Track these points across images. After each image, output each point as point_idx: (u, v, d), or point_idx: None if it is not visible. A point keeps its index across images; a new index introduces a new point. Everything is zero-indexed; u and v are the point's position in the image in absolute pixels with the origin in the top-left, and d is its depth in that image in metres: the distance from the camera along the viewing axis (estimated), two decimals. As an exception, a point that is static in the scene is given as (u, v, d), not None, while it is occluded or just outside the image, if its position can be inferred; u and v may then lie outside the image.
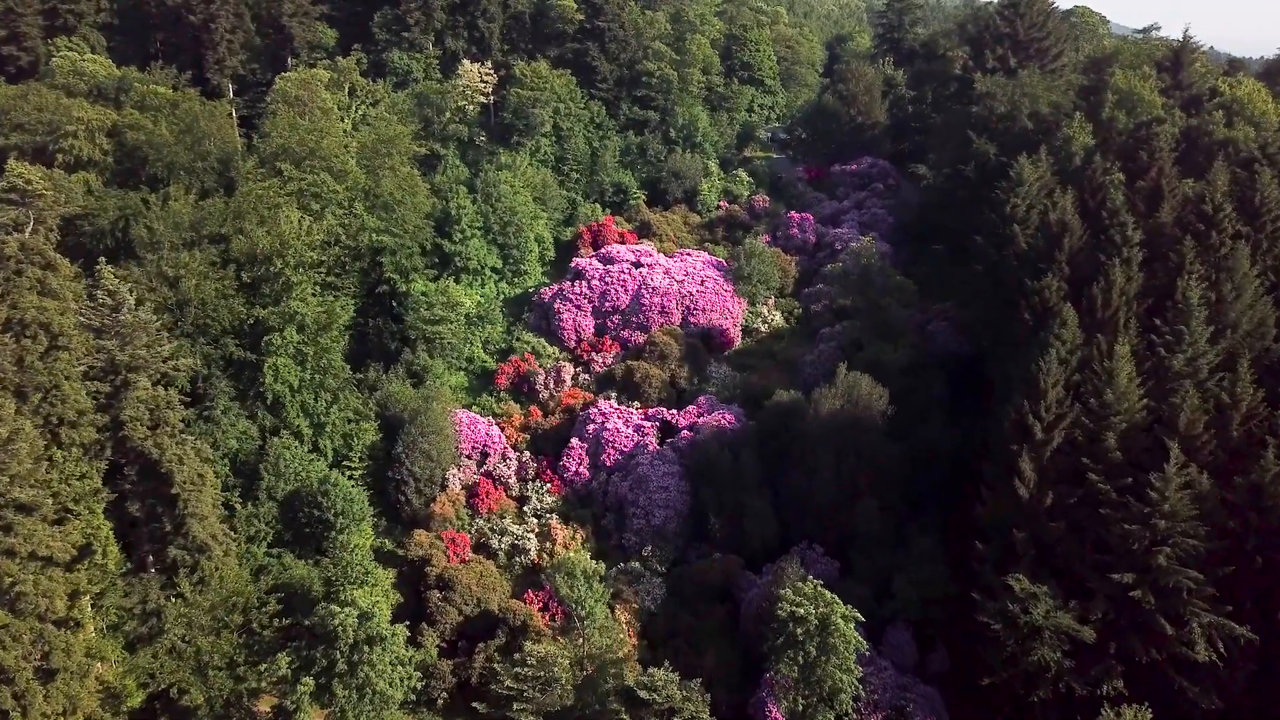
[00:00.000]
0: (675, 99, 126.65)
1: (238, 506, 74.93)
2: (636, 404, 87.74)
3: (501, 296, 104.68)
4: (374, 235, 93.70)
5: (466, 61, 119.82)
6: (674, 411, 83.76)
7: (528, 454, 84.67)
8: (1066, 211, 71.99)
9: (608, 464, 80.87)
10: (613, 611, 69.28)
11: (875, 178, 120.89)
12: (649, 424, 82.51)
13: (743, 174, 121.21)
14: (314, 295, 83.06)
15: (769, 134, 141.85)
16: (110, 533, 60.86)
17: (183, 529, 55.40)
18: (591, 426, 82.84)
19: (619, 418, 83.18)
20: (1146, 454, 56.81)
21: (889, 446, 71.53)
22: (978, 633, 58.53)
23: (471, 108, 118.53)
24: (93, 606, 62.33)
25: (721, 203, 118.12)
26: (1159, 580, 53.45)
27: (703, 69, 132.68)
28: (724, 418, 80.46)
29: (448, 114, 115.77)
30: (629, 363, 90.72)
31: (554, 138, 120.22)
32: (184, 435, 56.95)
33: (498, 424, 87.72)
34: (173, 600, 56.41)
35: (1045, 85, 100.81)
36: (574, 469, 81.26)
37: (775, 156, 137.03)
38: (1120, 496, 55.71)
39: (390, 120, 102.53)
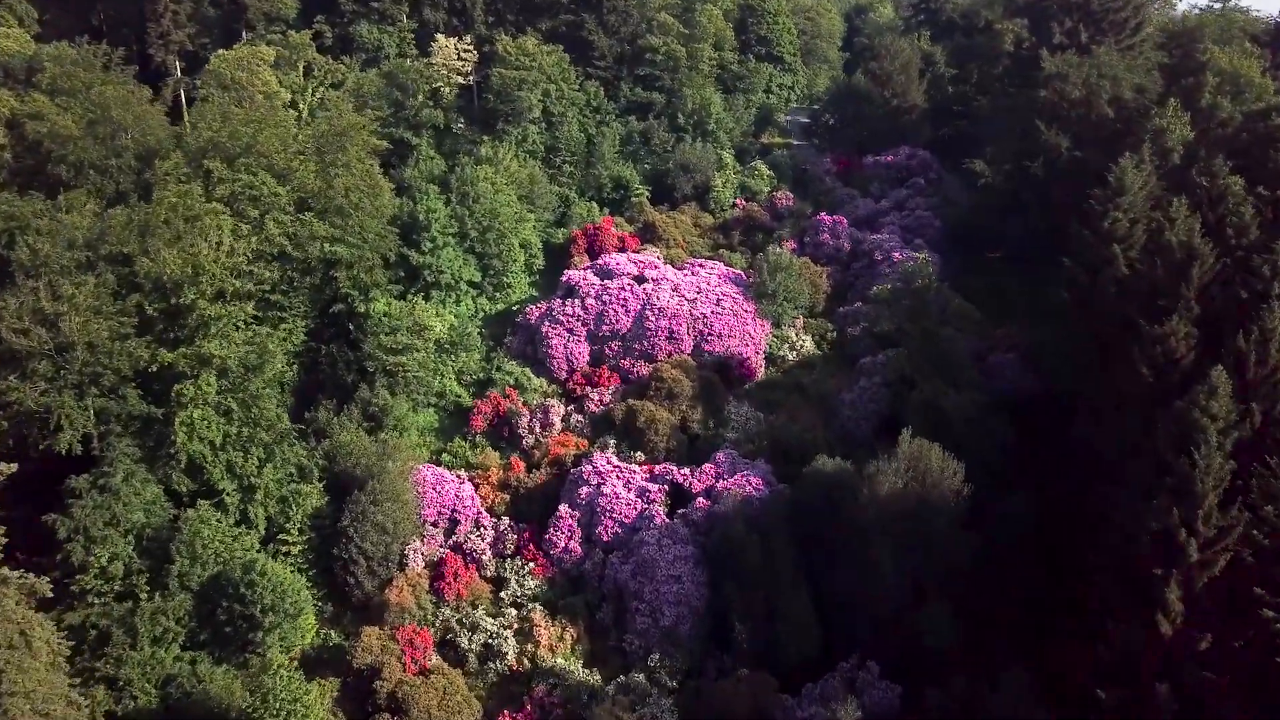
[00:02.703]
0: (683, 79, 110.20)
1: (142, 598, 59.92)
2: (639, 455, 72.25)
3: (481, 314, 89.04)
4: (325, 245, 77.97)
5: (441, 36, 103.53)
6: (686, 471, 68.12)
7: (507, 521, 69.17)
8: (1193, 232, 56.07)
9: (604, 538, 65.45)
10: (611, 748, 54.25)
11: (915, 171, 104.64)
12: (655, 487, 67.02)
13: (762, 166, 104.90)
14: (241, 328, 67.35)
15: (788, 118, 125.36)
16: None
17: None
18: (584, 490, 67.32)
19: (618, 478, 67.67)
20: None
21: (964, 538, 56.03)
22: (1100, 813, 43.41)
23: (448, 90, 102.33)
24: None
25: (738, 200, 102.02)
26: (1375, 774, 38.31)
27: (714, 44, 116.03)
28: (750, 482, 64.89)
29: (420, 97, 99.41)
30: (630, 403, 75.11)
31: (544, 124, 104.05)
32: (4, 571, 41.22)
33: (471, 479, 72.35)
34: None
35: (1126, 65, 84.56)
36: (563, 544, 65.83)
37: (796, 143, 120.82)
38: (1309, 645, 40.37)
39: (344, 108, 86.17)
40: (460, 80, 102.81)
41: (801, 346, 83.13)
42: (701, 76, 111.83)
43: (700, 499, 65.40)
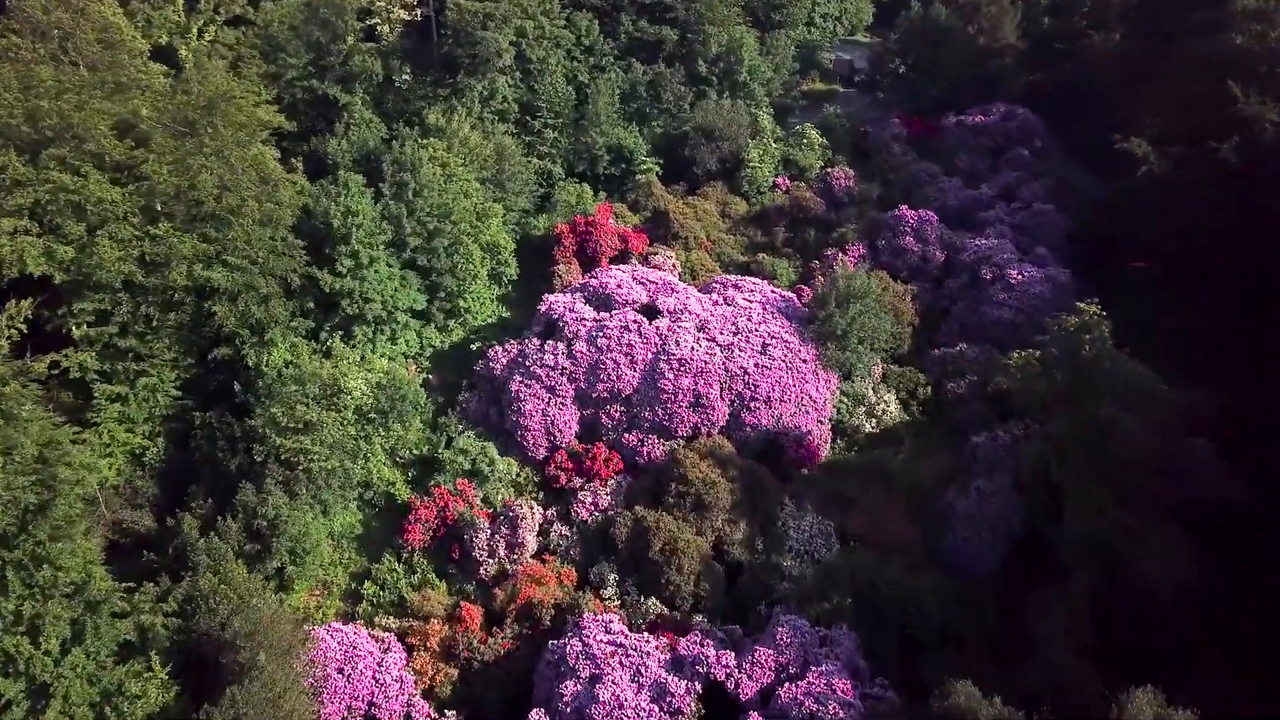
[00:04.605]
0: (703, 9, 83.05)
1: None
2: (653, 604, 48.16)
3: (429, 350, 64.28)
4: (193, 269, 53.06)
5: (379, -48, 76.27)
6: (729, 659, 43.38)
7: (453, 718, 45.29)
8: None
9: (603, 772, 41.54)
10: None
11: (1014, 138, 78.04)
12: (682, 685, 42.68)
13: (811, 131, 78.35)
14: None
15: (834, 55, 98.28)
16: None
17: None
18: (570, 685, 43.05)
19: (623, 665, 43.39)
20: None
21: None
22: None
23: (387, 29, 75.55)
24: None
25: (779, 179, 75.94)
26: None
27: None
28: (833, 690, 40.66)
29: (351, 38, 72.85)
30: (639, 513, 50.57)
31: (518, 73, 77.57)
32: None
33: (403, 636, 48.48)
34: None
35: (1358, -2, 58.34)
36: (537, 778, 41.94)
37: (841, 91, 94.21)
38: None
39: (215, 66, 59.88)
40: (404, 14, 75.91)
41: (883, 410, 58.22)
42: (727, 6, 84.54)
43: (754, 714, 41.11)
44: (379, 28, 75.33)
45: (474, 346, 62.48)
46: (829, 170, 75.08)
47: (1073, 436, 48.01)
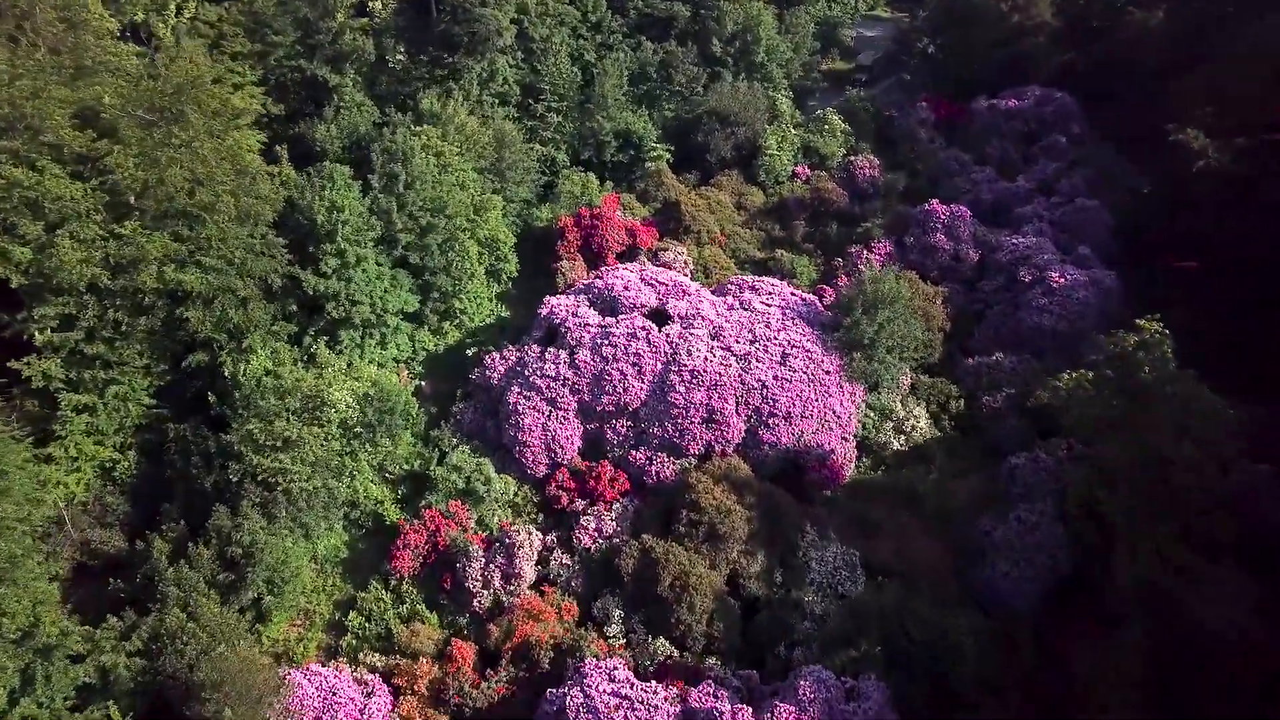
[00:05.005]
0: (718, -15, 78.07)
1: None
2: (661, 644, 43.95)
3: (422, 354, 59.92)
4: (163, 270, 48.73)
5: (370, -77, 71.29)
6: (745, 711, 39.17)
7: (442, 775, 41.35)
8: None
9: (605, 842, 37.51)
10: None
11: (1050, 123, 72.74)
12: (693, 744, 38.62)
13: (833, 117, 73.35)
14: None
15: (855, 33, 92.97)
16: None
17: None
18: (571, 744, 39.01)
19: (628, 720, 39.29)
20: None
21: None
22: None
23: (380, 5, 70.69)
24: None
25: (799, 168, 71.08)
26: None
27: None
28: (861, 756, 36.52)
29: (340, 16, 68.00)
30: (647, 543, 46.24)
31: (519, 53, 72.75)
32: None
33: (389, 675, 44.49)
34: None
35: None
36: None
37: (863, 67, 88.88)
38: None
39: (190, 47, 55.22)
40: (398, -10, 71.07)
41: (912, 426, 53.64)
42: (743, -19, 79.40)
43: (774, 780, 37.06)
44: (371, 4, 70.54)
45: (470, 352, 58.08)
46: (852, 159, 70.18)
47: (1126, 465, 43.43)
